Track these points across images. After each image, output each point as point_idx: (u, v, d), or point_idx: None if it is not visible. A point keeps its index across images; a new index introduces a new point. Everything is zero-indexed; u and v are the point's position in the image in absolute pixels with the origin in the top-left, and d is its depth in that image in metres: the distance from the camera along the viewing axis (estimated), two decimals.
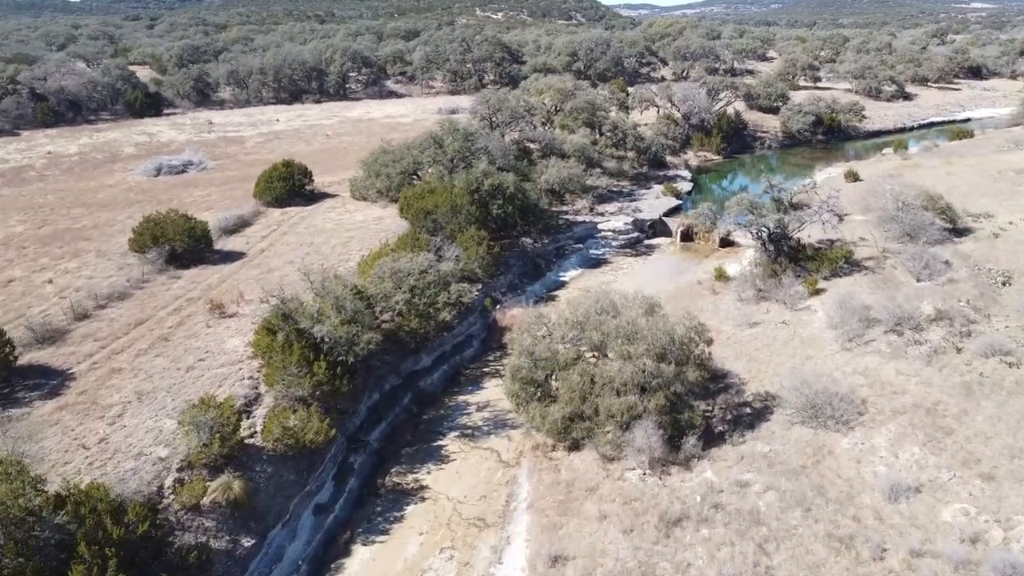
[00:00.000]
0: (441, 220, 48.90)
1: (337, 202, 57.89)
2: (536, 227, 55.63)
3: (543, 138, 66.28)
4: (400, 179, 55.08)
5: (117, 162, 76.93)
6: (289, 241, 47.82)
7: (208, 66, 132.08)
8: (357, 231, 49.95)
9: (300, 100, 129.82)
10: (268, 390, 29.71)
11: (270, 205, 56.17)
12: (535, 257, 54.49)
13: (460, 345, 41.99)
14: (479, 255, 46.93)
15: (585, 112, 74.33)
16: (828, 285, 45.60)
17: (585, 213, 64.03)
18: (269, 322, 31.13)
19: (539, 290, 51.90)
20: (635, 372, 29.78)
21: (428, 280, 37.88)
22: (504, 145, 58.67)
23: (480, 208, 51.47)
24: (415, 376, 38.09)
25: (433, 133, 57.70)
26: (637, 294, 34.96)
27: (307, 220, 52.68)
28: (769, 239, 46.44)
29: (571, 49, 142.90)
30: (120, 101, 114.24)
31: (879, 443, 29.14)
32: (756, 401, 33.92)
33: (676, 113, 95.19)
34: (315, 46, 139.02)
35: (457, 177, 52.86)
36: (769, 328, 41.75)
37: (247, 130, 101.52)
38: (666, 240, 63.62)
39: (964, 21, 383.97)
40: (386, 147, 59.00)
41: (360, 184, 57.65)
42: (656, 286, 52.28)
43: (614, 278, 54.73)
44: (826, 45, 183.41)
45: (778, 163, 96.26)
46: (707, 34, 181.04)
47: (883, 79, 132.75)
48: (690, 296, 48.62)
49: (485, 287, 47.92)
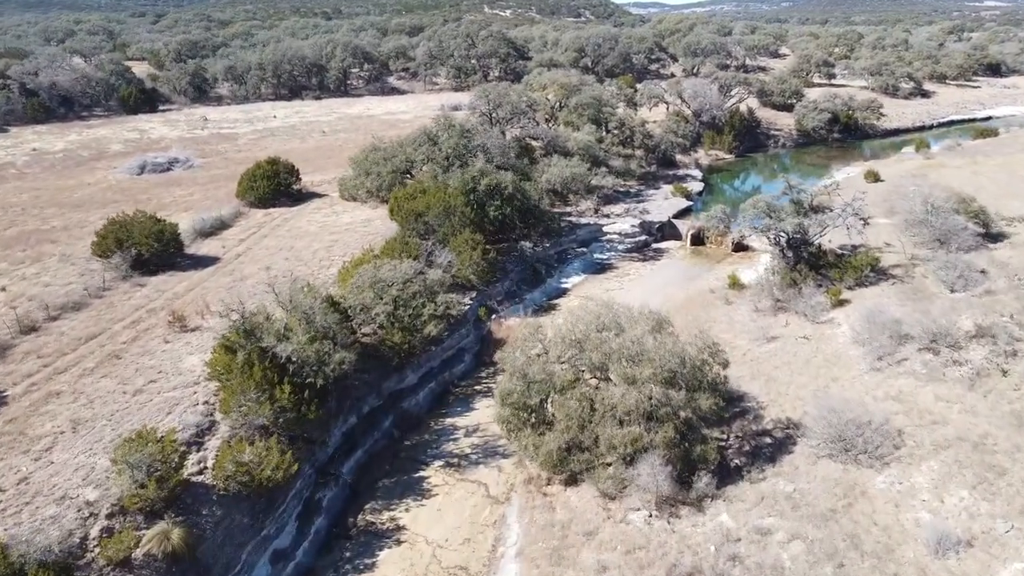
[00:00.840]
0: (433, 223, 45.38)
1: (325, 202, 54.45)
2: (536, 230, 52.06)
3: (545, 135, 62.68)
4: (391, 178, 51.60)
5: (102, 160, 73.72)
6: (268, 245, 44.37)
7: (206, 61, 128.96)
8: (342, 234, 46.48)
9: (300, 96, 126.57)
10: (224, 417, 26.21)
11: (253, 205, 52.77)
12: (535, 262, 50.89)
13: (450, 360, 38.45)
14: (473, 261, 43.38)
15: (591, 108, 70.67)
16: (853, 295, 41.84)
17: (589, 215, 60.42)
18: (228, 340, 27.64)
19: (539, 298, 48.30)
20: (641, 399, 26.15)
21: (413, 290, 34.34)
22: (503, 142, 55.12)
23: (476, 210, 47.93)
24: (398, 396, 34.56)
25: (427, 129, 54.19)
26: (643, 308, 31.28)
27: (291, 222, 49.25)
28: (788, 245, 42.72)
29: (578, 45, 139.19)
30: (114, 97, 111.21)
31: (920, 483, 25.42)
32: (777, 429, 30.24)
33: (686, 110, 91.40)
34: (316, 41, 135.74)
35: (452, 176, 49.31)
36: (789, 343, 38.04)
37: (242, 127, 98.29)
38: (676, 244, 59.90)
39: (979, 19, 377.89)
40: (377, 144, 55.51)
41: (349, 184, 54.20)
42: (665, 294, 48.68)
43: (619, 285, 51.08)
44: (840, 41, 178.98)
45: (792, 162, 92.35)
46: (718, 30, 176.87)
47: (900, 76, 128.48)
48: (702, 306, 44.97)
49: (480, 295, 44.38)
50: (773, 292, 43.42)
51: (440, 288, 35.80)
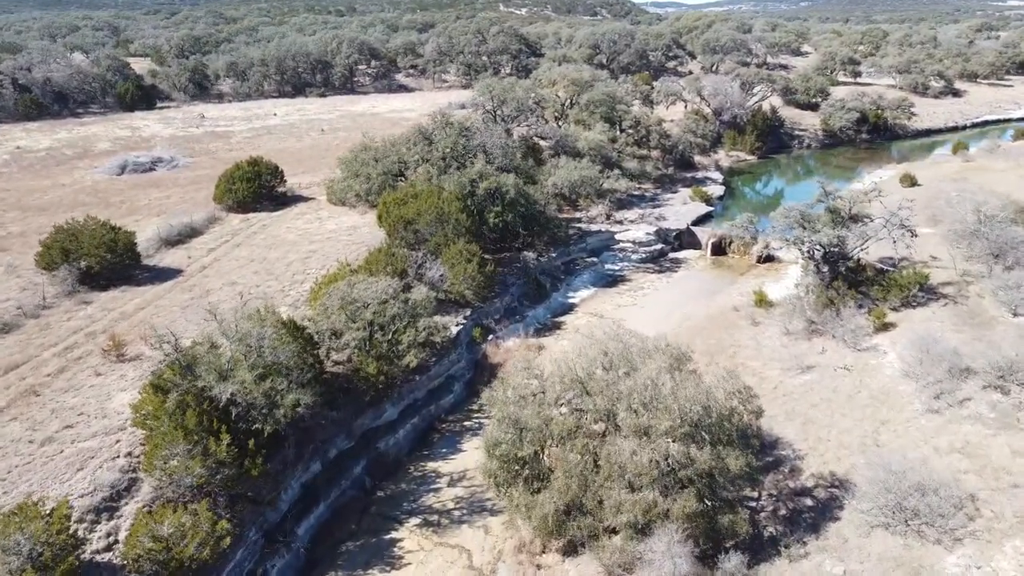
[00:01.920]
0: (424, 231, 40.67)
1: (311, 207, 49.86)
2: (541, 238, 47.23)
3: (554, 134, 57.77)
4: (381, 181, 46.93)
5: (85, 159, 69.54)
6: (239, 256, 39.80)
7: (208, 58, 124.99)
8: (324, 243, 41.86)
9: (303, 94, 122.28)
10: (148, 475, 21.58)
11: (231, 210, 48.27)
12: (539, 274, 46.03)
13: (437, 390, 33.68)
14: (468, 274, 38.63)
15: (603, 106, 65.71)
16: (899, 318, 36.73)
17: (600, 221, 55.45)
18: (160, 377, 23.00)
19: (542, 315, 43.46)
20: (656, 458, 21.27)
21: (391, 312, 29.59)
22: (506, 142, 50.30)
23: (473, 216, 43.19)
24: (373, 435, 29.85)
25: (421, 127, 49.50)
26: (659, 337, 26.39)
27: (269, 228, 44.68)
28: (823, 259, 37.63)
29: (593, 41, 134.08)
30: (111, 94, 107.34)
31: (1004, 569, 20.38)
32: (819, 487, 25.27)
33: (706, 109, 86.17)
34: (321, 37, 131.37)
35: (448, 179, 44.56)
36: (827, 375, 33.01)
37: (239, 124, 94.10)
38: (694, 253, 54.88)
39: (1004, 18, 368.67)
40: (368, 143, 50.84)
41: (337, 187, 49.58)
42: (683, 312, 43.74)
43: (632, 300, 46.16)
44: (865, 39, 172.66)
45: (818, 164, 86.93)
46: (738, 27, 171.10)
47: (930, 74, 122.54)
48: (725, 327, 39.98)
49: (475, 313, 39.60)
50: (806, 312, 38.42)
51: (424, 310, 31.02)
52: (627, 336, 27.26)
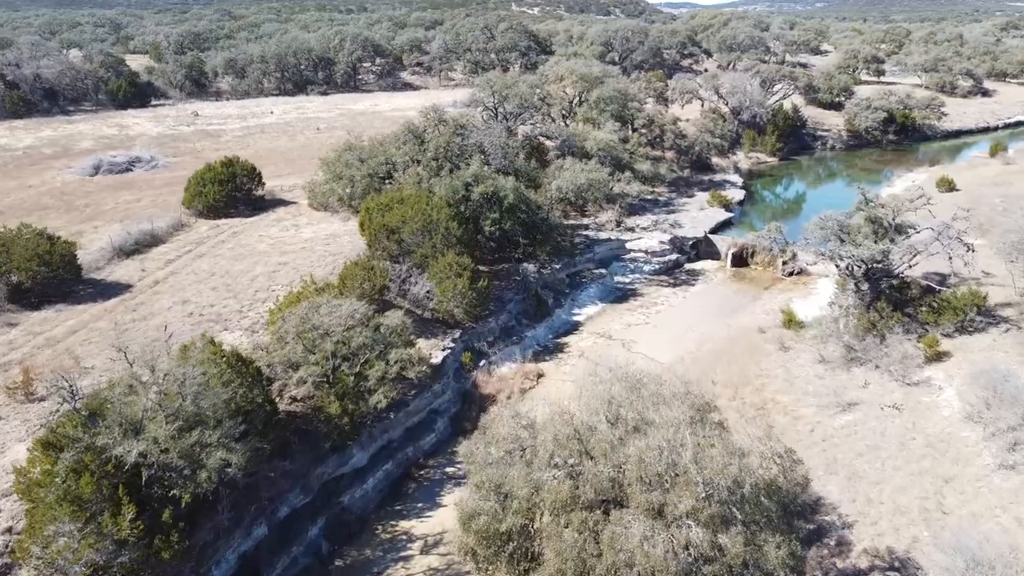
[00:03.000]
0: (409, 241, 36.04)
1: (290, 212, 45.36)
2: (544, 248, 42.51)
3: (559, 134, 53.01)
4: (366, 184, 42.33)
5: (63, 158, 65.38)
6: (200, 269, 35.29)
7: (207, 54, 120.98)
8: (297, 254, 37.30)
9: (305, 92, 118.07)
10: (24, 562, 17.02)
11: (202, 215, 43.82)
12: (540, 288, 41.35)
13: (417, 429, 29.01)
14: (458, 291, 33.96)
15: (614, 103, 60.86)
16: (954, 346, 31.78)
17: (610, 228, 50.69)
18: (53, 432, 18.46)
19: (543, 336, 38.74)
20: (673, 548, 16.52)
21: (358, 342, 24.95)
22: (506, 141, 45.58)
23: (466, 224, 38.55)
24: (336, 487, 25.23)
25: (411, 125, 44.92)
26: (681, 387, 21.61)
27: (239, 236, 40.19)
28: (864, 276, 32.68)
29: (605, 38, 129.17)
30: (103, 91, 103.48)
31: None
32: (875, 571, 20.42)
33: (723, 107, 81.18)
34: (323, 33, 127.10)
35: (439, 182, 39.95)
36: (873, 415, 28.13)
37: (232, 123, 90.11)
38: (713, 265, 50.00)
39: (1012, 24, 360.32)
40: (353, 143, 46.28)
41: (319, 190, 45.02)
42: (701, 333, 38.92)
43: (644, 318, 41.35)
44: (887, 37, 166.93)
45: (843, 167, 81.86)
46: (755, 25, 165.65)
47: (959, 72, 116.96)
48: (750, 351, 35.14)
49: (465, 335, 34.94)
50: (843, 337, 33.54)
51: (399, 337, 26.37)
52: (637, 376, 22.48)
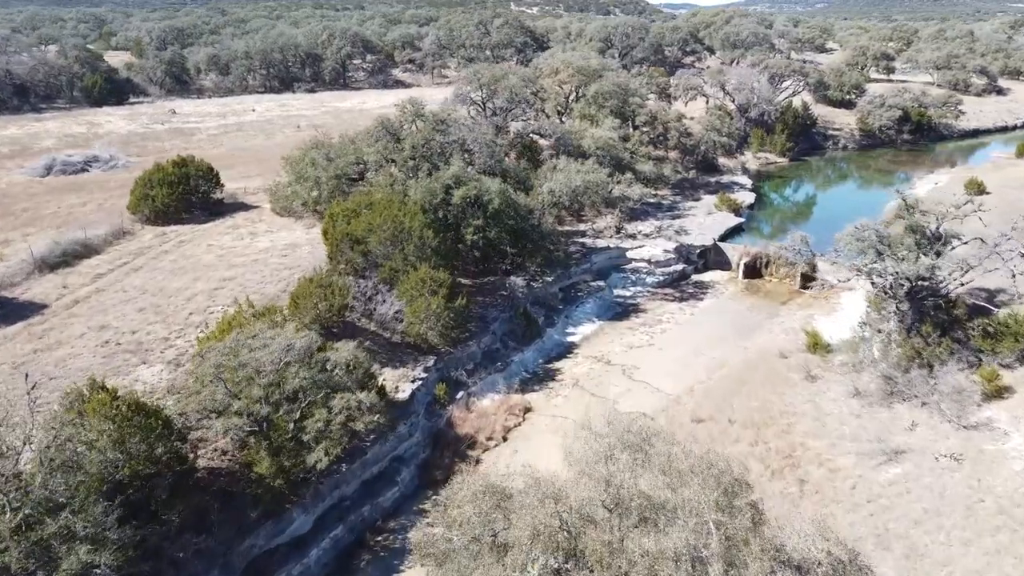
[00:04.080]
0: (377, 252, 31.16)
1: (250, 217, 40.53)
2: (534, 259, 37.67)
3: (553, 130, 48.10)
4: (333, 186, 37.46)
5: (18, 158, 60.61)
6: (131, 285, 30.42)
7: (189, 50, 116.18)
8: (247, 268, 32.44)
9: (291, 89, 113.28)
10: None
11: (150, 221, 38.97)
12: (529, 305, 36.53)
13: (376, 482, 24.12)
14: (432, 311, 29.10)
15: (614, 98, 55.98)
16: (1016, 379, 26.87)
17: (609, 235, 45.86)
18: None
19: (532, 361, 33.85)
20: None
21: (294, 384, 20.05)
22: (492, 139, 40.71)
23: (444, 232, 33.73)
24: (268, 562, 20.32)
25: (385, 120, 40.07)
26: (700, 451, 16.80)
27: (186, 246, 35.32)
28: (907, 295, 27.79)
29: (604, 34, 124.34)
30: (78, 87, 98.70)
31: None
32: None
33: (730, 105, 76.29)
34: (311, 29, 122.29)
35: (415, 184, 35.11)
36: (926, 466, 23.26)
37: (210, 121, 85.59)
38: (723, 275, 45.15)
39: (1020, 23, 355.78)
40: (320, 140, 41.44)
41: (281, 193, 40.14)
42: (713, 358, 34.03)
43: (648, 339, 36.45)
44: (895, 35, 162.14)
45: (857, 168, 77.21)
46: (759, 22, 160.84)
47: (972, 70, 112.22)
48: (771, 380, 30.26)
49: (440, 362, 30.07)
50: (879, 365, 28.73)
51: (349, 376, 21.48)
52: (643, 432, 17.62)
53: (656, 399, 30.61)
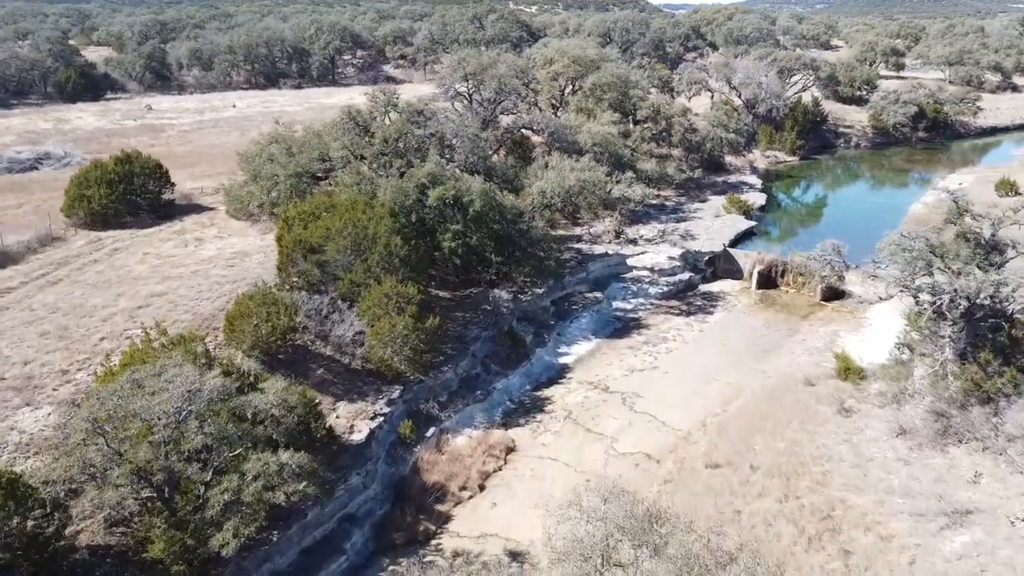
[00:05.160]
0: (336, 263, 26.59)
1: (201, 220, 36.00)
2: (522, 268, 33.13)
3: (546, 124, 43.55)
4: (292, 185, 32.90)
5: None
6: (42, 303, 25.80)
7: (171, 44, 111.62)
8: (184, 280, 27.84)
9: (277, 85, 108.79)
10: None
11: (87, 225, 34.35)
12: (516, 321, 31.98)
13: (319, 549, 19.50)
14: (398, 333, 24.52)
15: (613, 90, 51.41)
16: None
17: (607, 240, 41.36)
18: None
19: (518, 387, 29.27)
20: None
21: (194, 442, 15.46)
22: (476, 133, 36.13)
23: (418, 239, 29.17)
24: None
25: (353, 111, 35.55)
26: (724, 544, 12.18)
27: (118, 255, 30.74)
28: (963, 316, 23.18)
29: (603, 29, 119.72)
30: (52, 82, 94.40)
31: None
32: None
33: (736, 100, 71.70)
34: (297, 22, 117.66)
35: (384, 183, 30.55)
36: (1001, 533, 18.71)
37: (186, 117, 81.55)
38: (734, 285, 40.62)
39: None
40: (280, 134, 36.94)
41: (236, 193, 35.57)
42: (727, 383, 29.43)
43: (651, 360, 31.86)
44: (902, 31, 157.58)
45: (870, 167, 72.74)
46: (763, 18, 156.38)
47: (986, 66, 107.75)
48: (797, 414, 25.70)
49: (407, 392, 25.51)
50: (925, 397, 24.23)
51: (275, 426, 16.89)
52: (648, 514, 13.05)
53: (662, 436, 26.05)
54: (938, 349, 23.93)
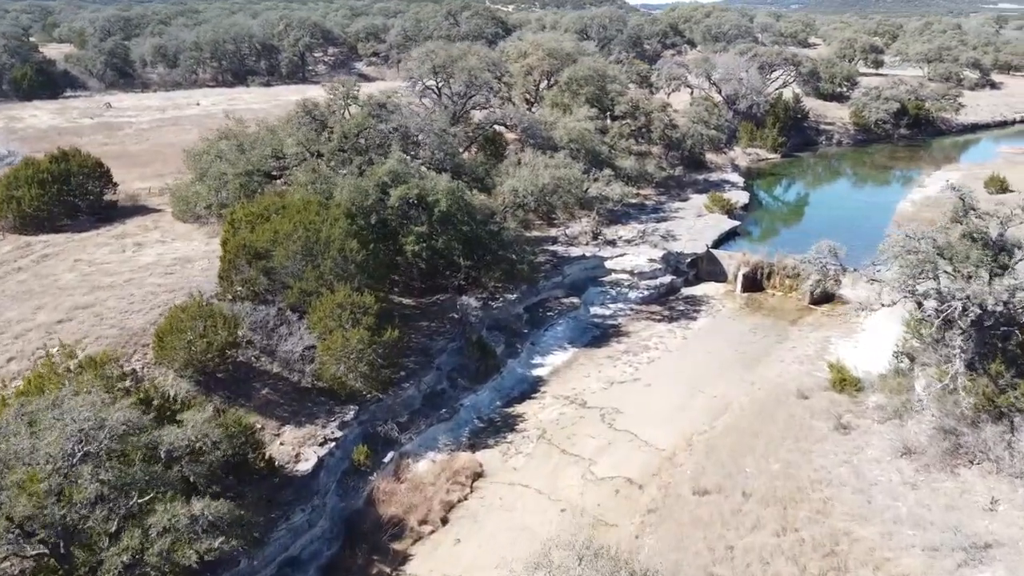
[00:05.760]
0: (285, 269, 24.05)
1: (145, 223, 33.28)
2: (493, 273, 30.75)
3: (519, 119, 41.17)
4: (241, 184, 30.27)
5: None
6: None
7: (134, 41, 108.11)
8: (115, 290, 25.17)
9: (245, 82, 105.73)
10: None
11: (16, 229, 31.47)
12: (487, 330, 29.62)
13: None
14: (352, 347, 22.04)
15: (590, 85, 49.16)
16: None
17: (585, 241, 39.05)
18: None
19: (487, 403, 26.89)
20: None
21: (87, 492, 12.91)
22: (443, 128, 33.66)
23: (377, 243, 26.70)
24: None
25: (310, 104, 33.03)
26: None
27: (47, 262, 27.97)
28: (974, 323, 21.07)
29: (580, 25, 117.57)
30: (6, 80, 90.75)
31: None
32: None
33: (716, 96, 69.76)
34: (266, 18, 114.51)
35: (341, 182, 28.05)
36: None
37: (147, 115, 78.63)
38: (718, 288, 38.53)
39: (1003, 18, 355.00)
40: (231, 129, 34.33)
41: (182, 194, 32.86)
42: (713, 395, 27.25)
43: (632, 371, 29.62)
44: (880, 29, 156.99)
45: (853, 164, 71.19)
46: (741, 15, 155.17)
47: (965, 63, 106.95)
48: (790, 430, 23.53)
49: (363, 413, 23.05)
50: (929, 411, 22.17)
51: (195, 466, 14.33)
52: None
53: (644, 457, 23.78)
54: (943, 359, 21.85)
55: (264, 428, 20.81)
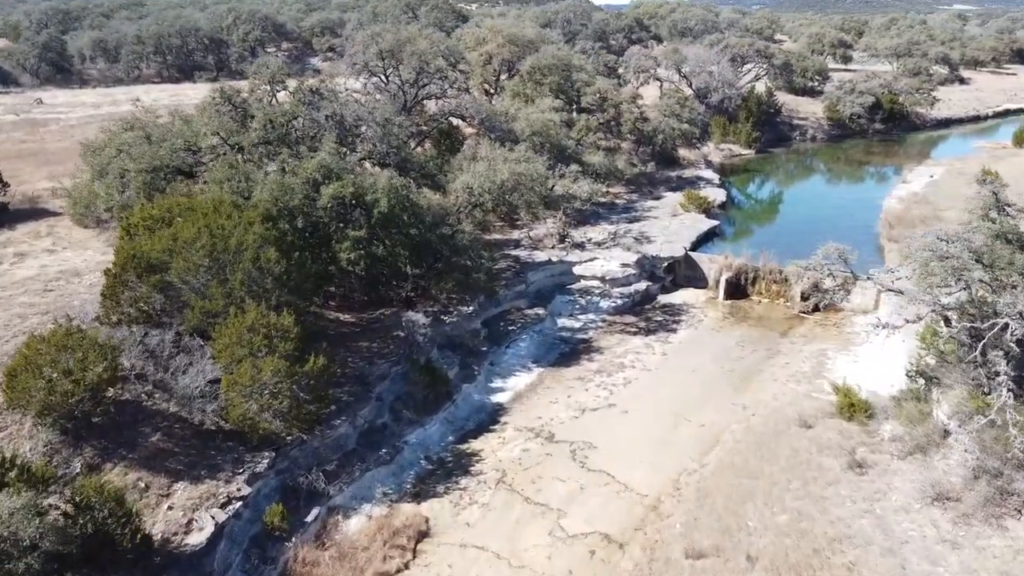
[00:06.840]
0: (185, 285, 19.66)
1: (38, 229, 28.62)
2: (445, 284, 26.61)
3: (476, 110, 37.05)
4: (144, 182, 25.74)
5: None
6: None
7: (73, 34, 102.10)
8: None
9: (192, 78, 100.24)
10: None
11: None
12: (438, 349, 25.47)
13: None
14: (266, 380, 17.76)
15: (554, 74, 45.24)
16: None
17: (551, 245, 35.10)
18: None
19: (436, 440, 22.71)
20: None
21: None
22: (387, 118, 29.39)
23: (301, 252, 22.36)
24: None
25: (228, 89, 28.58)
26: None
27: None
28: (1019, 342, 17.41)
29: (544, 20, 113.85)
30: None
31: None
32: None
33: (687, 89, 66.35)
34: (214, 11, 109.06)
35: (262, 179, 23.72)
36: None
37: (79, 111, 73.79)
38: (698, 295, 34.82)
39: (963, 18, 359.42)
40: (137, 119, 29.80)
41: (81, 195, 28.24)
42: (700, 424, 23.33)
43: (606, 395, 25.67)
44: (845, 25, 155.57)
45: (829, 160, 68.47)
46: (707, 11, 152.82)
47: (934, 58, 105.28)
48: (798, 471, 19.72)
49: (281, 460, 18.78)
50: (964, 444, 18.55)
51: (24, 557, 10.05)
52: None
53: (624, 504, 19.81)
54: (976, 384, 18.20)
55: (149, 488, 16.52)
